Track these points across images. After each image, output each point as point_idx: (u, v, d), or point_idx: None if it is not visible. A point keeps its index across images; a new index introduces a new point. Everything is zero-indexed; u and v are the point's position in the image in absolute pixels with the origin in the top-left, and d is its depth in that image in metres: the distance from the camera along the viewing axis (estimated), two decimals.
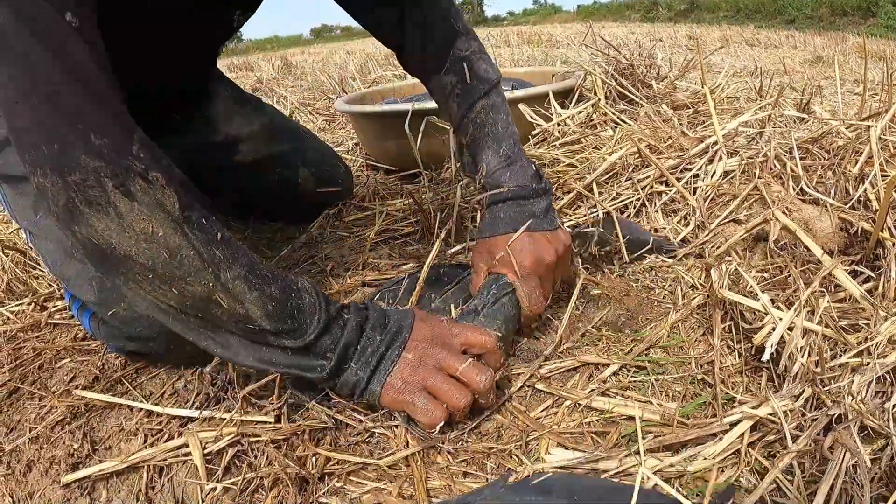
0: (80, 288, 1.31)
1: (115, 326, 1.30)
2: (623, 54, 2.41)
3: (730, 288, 1.24)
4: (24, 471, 1.18)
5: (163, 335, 1.27)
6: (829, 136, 1.67)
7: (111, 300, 1.25)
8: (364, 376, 1.04)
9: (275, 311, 0.99)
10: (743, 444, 0.97)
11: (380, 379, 1.04)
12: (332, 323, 1.04)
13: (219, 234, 0.98)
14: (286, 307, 1.00)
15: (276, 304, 0.99)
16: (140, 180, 0.91)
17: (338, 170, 2.17)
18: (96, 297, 1.28)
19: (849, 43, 6.76)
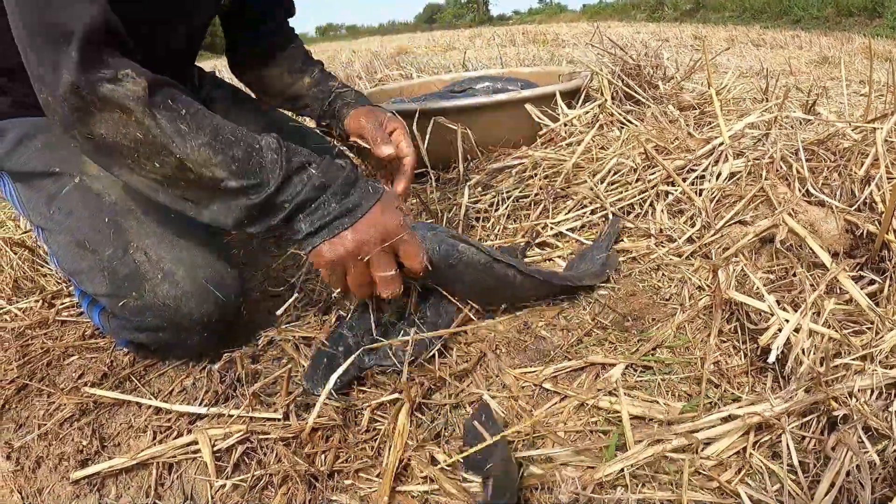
0: (92, 280, 1.33)
1: (126, 318, 1.32)
2: (630, 55, 2.41)
3: (736, 289, 1.25)
4: (32, 467, 1.19)
5: (172, 325, 1.29)
6: (835, 137, 1.67)
7: (123, 289, 1.28)
8: (305, 231, 1.17)
9: (238, 170, 1.11)
10: (748, 443, 0.98)
11: (316, 241, 1.17)
12: (294, 176, 1.15)
13: (184, 109, 1.10)
14: (248, 165, 1.12)
15: (238, 164, 1.11)
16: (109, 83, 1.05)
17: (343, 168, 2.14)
18: (108, 287, 1.30)
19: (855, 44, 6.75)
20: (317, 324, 1.49)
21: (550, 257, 1.63)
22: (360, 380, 1.26)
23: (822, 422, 0.98)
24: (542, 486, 0.96)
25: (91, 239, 1.32)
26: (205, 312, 1.29)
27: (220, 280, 1.33)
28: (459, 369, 1.24)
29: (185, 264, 1.29)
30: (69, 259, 1.36)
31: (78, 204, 1.36)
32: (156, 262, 1.28)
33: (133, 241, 1.30)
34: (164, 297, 1.27)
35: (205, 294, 1.29)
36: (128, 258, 1.29)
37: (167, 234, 1.32)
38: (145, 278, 1.27)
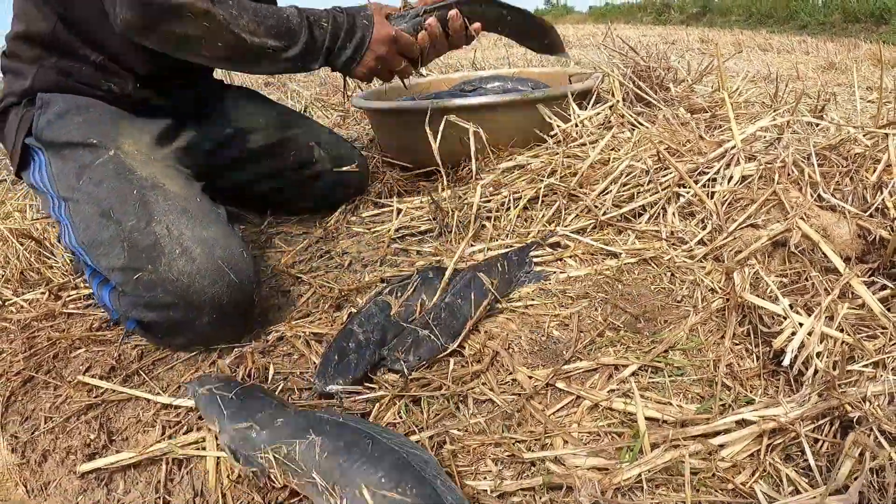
0: (110, 253, 1.38)
1: (137, 295, 1.35)
2: (641, 56, 2.41)
3: (749, 292, 1.25)
4: (39, 461, 1.19)
5: (183, 303, 1.32)
6: (846, 143, 1.67)
7: (140, 262, 1.34)
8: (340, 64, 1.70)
9: (276, 34, 1.55)
10: (762, 446, 0.98)
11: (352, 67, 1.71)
12: (313, 32, 1.61)
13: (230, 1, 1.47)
14: (281, 30, 1.55)
15: (276, 30, 1.54)
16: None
17: (354, 152, 2.22)
18: (125, 259, 1.35)
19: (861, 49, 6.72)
20: (327, 320, 1.49)
21: (561, 257, 1.63)
22: (369, 379, 1.26)
23: (836, 425, 0.98)
24: (560, 487, 0.96)
25: (116, 209, 1.40)
26: (216, 292, 1.33)
27: (235, 262, 1.37)
28: (473, 370, 1.24)
29: (204, 243, 1.36)
30: (91, 229, 1.42)
31: (109, 174, 1.46)
32: (176, 237, 1.35)
33: (157, 215, 1.38)
34: (178, 273, 1.32)
35: (219, 273, 1.34)
36: (149, 230, 1.35)
37: (190, 212, 1.40)
38: (163, 252, 1.33)
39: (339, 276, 1.70)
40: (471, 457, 1.04)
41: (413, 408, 1.17)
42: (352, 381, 1.21)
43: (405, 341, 1.28)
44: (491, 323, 1.40)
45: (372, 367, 1.27)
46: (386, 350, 1.29)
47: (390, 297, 1.41)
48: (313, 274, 1.72)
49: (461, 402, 1.17)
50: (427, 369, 1.25)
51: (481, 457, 1.04)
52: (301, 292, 1.64)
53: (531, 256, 1.63)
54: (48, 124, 1.57)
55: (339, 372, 1.21)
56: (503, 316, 1.42)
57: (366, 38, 1.67)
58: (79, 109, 1.59)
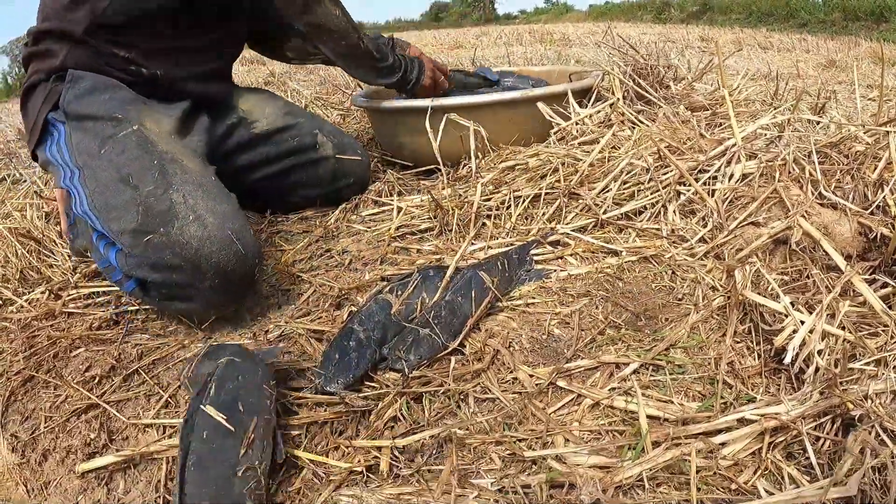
0: (123, 216, 1.43)
1: (145, 255, 1.39)
2: (641, 54, 2.41)
3: (750, 290, 1.25)
4: (39, 460, 1.18)
5: (189, 266, 1.37)
6: (847, 140, 1.66)
7: (152, 225, 1.39)
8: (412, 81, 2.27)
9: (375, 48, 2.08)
10: (764, 444, 0.98)
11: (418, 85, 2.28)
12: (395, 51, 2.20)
13: None
14: (378, 45, 2.11)
15: (374, 44, 2.08)
16: None
17: (356, 144, 2.27)
18: (138, 222, 1.40)
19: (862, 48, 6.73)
20: (328, 318, 1.49)
21: (562, 255, 1.63)
22: (370, 377, 1.26)
23: (837, 423, 0.98)
24: (562, 485, 0.96)
25: (136, 174, 1.46)
26: (223, 259, 1.38)
27: (243, 235, 1.43)
28: (474, 368, 1.24)
29: (217, 214, 1.42)
30: (107, 193, 1.48)
31: (132, 144, 1.52)
32: (191, 205, 1.40)
33: (175, 184, 1.44)
34: (189, 237, 1.37)
35: (227, 241, 1.39)
36: (166, 196, 1.41)
37: (206, 187, 1.47)
38: (177, 217, 1.38)
39: (340, 275, 1.69)
40: (472, 455, 1.04)
41: (414, 406, 1.17)
42: (353, 379, 1.21)
43: (406, 340, 1.28)
44: (492, 321, 1.40)
45: (373, 365, 1.27)
46: (387, 349, 1.29)
47: (391, 296, 1.41)
48: (313, 272, 1.72)
49: (462, 401, 1.17)
50: (428, 368, 1.25)
51: (483, 455, 1.04)
52: (301, 291, 1.64)
53: (532, 255, 1.63)
54: (76, 98, 1.64)
55: (339, 371, 1.21)
56: (504, 314, 1.42)
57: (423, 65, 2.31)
58: (107, 88, 1.67)
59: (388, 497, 0.98)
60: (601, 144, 1.93)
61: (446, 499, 0.96)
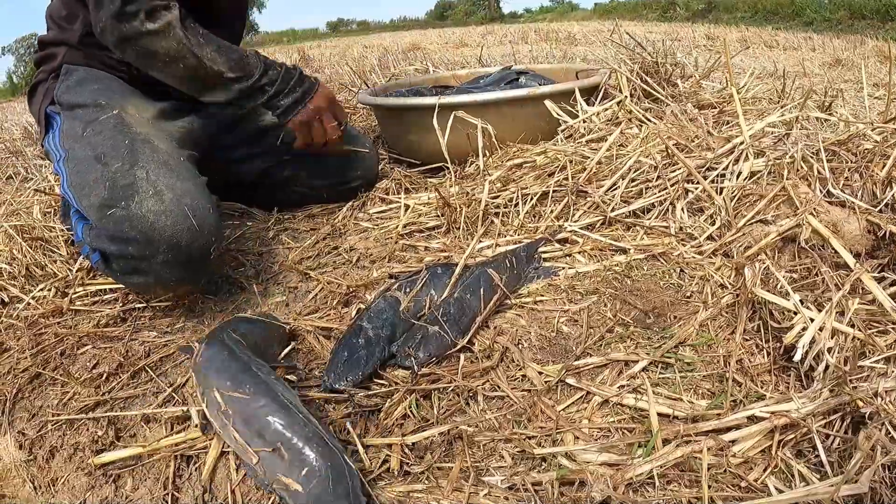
0: (94, 190, 1.50)
1: (105, 228, 1.45)
2: (648, 52, 2.41)
3: (760, 287, 1.25)
4: (46, 457, 1.18)
5: (144, 239, 1.41)
6: (855, 138, 1.66)
7: (116, 199, 1.45)
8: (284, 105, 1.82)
9: (234, 66, 1.70)
10: (774, 442, 0.97)
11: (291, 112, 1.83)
12: (269, 71, 1.77)
13: (200, 30, 1.65)
14: (240, 64, 1.71)
15: (234, 63, 1.70)
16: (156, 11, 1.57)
17: (365, 137, 2.31)
18: (104, 196, 1.47)
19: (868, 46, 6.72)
20: (336, 316, 1.49)
21: (570, 253, 1.63)
22: (379, 375, 1.26)
23: (847, 421, 0.98)
24: (572, 483, 0.96)
25: (108, 153, 1.53)
26: (175, 232, 1.42)
27: (199, 212, 1.47)
28: (483, 366, 1.24)
29: (175, 191, 1.47)
30: (82, 171, 1.55)
31: (109, 126, 1.60)
32: (153, 181, 1.46)
33: (140, 161, 1.51)
34: (146, 210, 1.41)
35: (181, 216, 1.44)
36: (130, 172, 1.48)
37: (171, 165, 1.54)
38: (138, 191, 1.44)
39: (348, 273, 1.69)
40: (482, 452, 1.04)
41: (423, 403, 1.17)
42: (361, 377, 1.21)
43: (415, 337, 1.28)
44: (500, 319, 1.40)
45: (382, 363, 1.27)
46: (396, 346, 1.29)
47: (399, 293, 1.41)
48: (321, 270, 1.72)
49: (471, 398, 1.17)
50: (437, 365, 1.25)
51: (492, 452, 1.04)
52: (309, 288, 1.64)
53: (540, 252, 1.63)
54: (67, 89, 1.75)
55: (348, 368, 1.21)
56: (512, 312, 1.42)
57: (311, 90, 1.86)
58: (97, 79, 1.77)
59: (398, 495, 0.98)
60: (609, 142, 1.93)
61: (457, 497, 0.96)
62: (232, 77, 1.70)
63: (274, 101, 1.80)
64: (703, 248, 1.56)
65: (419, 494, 0.98)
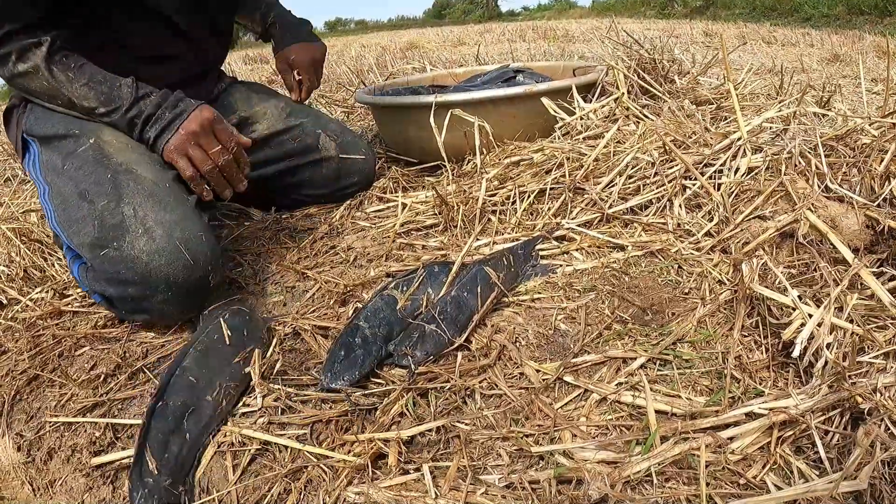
0: (81, 230, 1.48)
1: (103, 269, 1.44)
2: (646, 49, 2.41)
3: (758, 283, 1.24)
4: (44, 459, 1.19)
5: (141, 280, 1.40)
6: (853, 133, 1.66)
7: (106, 239, 1.43)
8: (153, 136, 1.58)
9: (105, 100, 1.57)
10: (772, 438, 0.97)
11: (162, 141, 1.57)
12: (140, 101, 1.58)
13: (72, 63, 1.56)
14: (111, 97, 1.57)
15: (104, 96, 1.57)
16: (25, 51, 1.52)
17: (360, 142, 2.27)
18: (94, 236, 1.45)
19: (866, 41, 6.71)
20: (333, 315, 1.49)
21: (567, 250, 1.62)
22: (375, 374, 1.26)
23: (846, 417, 0.98)
24: (570, 481, 0.96)
25: (91, 190, 1.50)
26: (171, 272, 1.41)
27: (192, 244, 1.45)
28: (480, 364, 1.23)
29: (165, 225, 1.44)
30: (68, 209, 1.52)
31: (89, 159, 1.55)
32: (141, 217, 1.43)
33: (126, 196, 1.47)
34: (139, 251, 1.40)
35: (175, 253, 1.42)
36: (118, 210, 1.45)
37: (157, 196, 1.49)
38: (128, 230, 1.42)
39: (345, 272, 1.69)
40: (479, 451, 1.04)
41: (420, 402, 1.16)
42: (358, 376, 1.20)
43: (412, 336, 1.28)
44: (497, 317, 1.40)
45: (379, 362, 1.26)
46: (392, 345, 1.28)
47: (396, 292, 1.41)
48: (319, 269, 1.72)
49: (468, 397, 1.17)
50: (434, 364, 1.25)
51: (490, 451, 1.04)
52: (306, 287, 1.64)
53: (537, 250, 1.62)
54: (36, 121, 1.68)
55: (345, 367, 1.21)
56: (510, 310, 1.42)
57: (181, 115, 1.58)
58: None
59: (395, 493, 0.98)
60: (606, 139, 1.92)
61: (454, 495, 0.95)
62: (104, 112, 1.58)
63: (144, 132, 1.59)
64: (700, 245, 1.56)
65: (416, 493, 0.97)
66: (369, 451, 1.04)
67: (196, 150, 1.58)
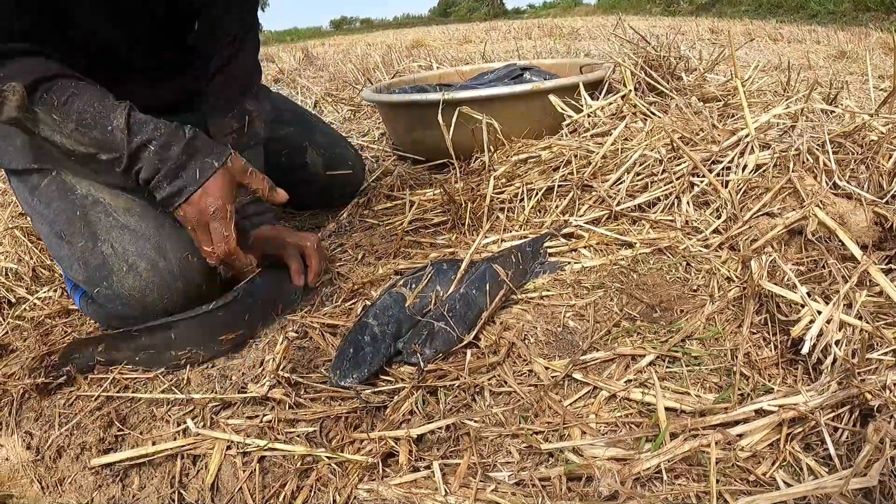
0: (71, 268, 1.45)
1: (102, 304, 1.44)
2: (652, 46, 2.41)
3: (767, 280, 1.24)
4: (53, 457, 1.19)
5: (139, 314, 1.40)
6: (861, 130, 1.66)
7: (95, 279, 1.41)
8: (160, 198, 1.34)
9: (101, 147, 1.30)
10: (782, 435, 0.97)
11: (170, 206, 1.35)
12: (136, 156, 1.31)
13: (56, 101, 1.28)
14: (105, 144, 1.29)
15: (99, 143, 1.30)
16: None
17: (348, 152, 2.21)
18: (83, 275, 1.43)
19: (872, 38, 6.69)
20: (341, 312, 1.49)
21: (576, 248, 1.62)
22: (385, 371, 1.26)
23: (856, 414, 0.98)
24: (580, 478, 0.96)
25: (66, 231, 1.44)
26: (167, 302, 1.41)
27: (181, 269, 1.43)
28: (489, 361, 1.23)
29: (147, 257, 1.40)
30: (52, 246, 1.50)
31: (54, 195, 1.47)
32: (121, 254, 1.40)
33: (101, 234, 1.42)
34: (129, 289, 1.39)
35: (165, 284, 1.40)
36: (97, 250, 1.41)
37: (132, 225, 1.43)
38: (112, 270, 1.40)
39: (353, 269, 1.69)
40: (489, 448, 1.04)
41: (430, 399, 1.17)
42: (368, 374, 1.21)
43: (421, 333, 1.28)
44: (506, 314, 1.40)
45: (388, 360, 1.27)
46: (401, 343, 1.28)
47: (405, 289, 1.41)
48: (327, 267, 1.72)
49: (478, 394, 1.17)
50: (443, 361, 1.25)
51: (499, 448, 1.04)
52: (314, 286, 1.63)
53: (545, 247, 1.62)
54: None
55: (355, 365, 1.21)
56: (518, 307, 1.42)
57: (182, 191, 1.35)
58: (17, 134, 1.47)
59: (405, 491, 0.98)
60: (614, 136, 1.92)
61: (464, 492, 0.96)
62: (105, 159, 1.32)
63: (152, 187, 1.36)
64: (709, 242, 1.56)
65: (426, 491, 0.97)
66: (380, 449, 1.05)
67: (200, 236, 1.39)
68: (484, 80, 2.66)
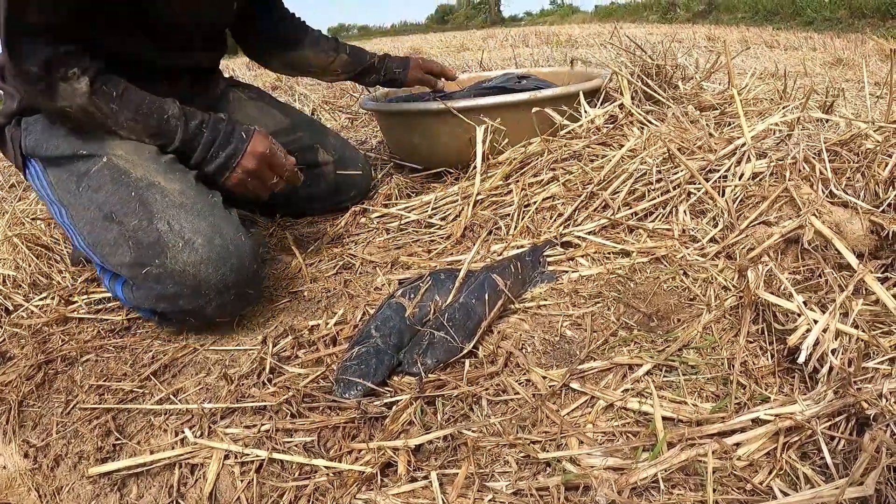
0: (116, 252, 1.47)
1: (148, 287, 1.44)
2: (649, 54, 2.41)
3: (763, 289, 1.25)
4: (51, 465, 1.19)
5: (191, 291, 1.42)
6: (857, 138, 1.66)
7: (147, 258, 1.43)
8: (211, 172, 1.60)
9: (155, 133, 1.55)
10: (778, 444, 0.97)
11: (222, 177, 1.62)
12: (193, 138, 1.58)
13: (114, 92, 1.49)
14: (160, 130, 1.55)
15: (155, 130, 1.55)
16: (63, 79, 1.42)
17: (357, 155, 2.29)
18: (132, 256, 1.44)
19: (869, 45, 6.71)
20: (340, 322, 1.49)
21: (573, 257, 1.63)
22: (385, 382, 1.26)
23: (852, 423, 0.98)
24: (577, 487, 0.96)
25: (118, 211, 1.47)
26: (221, 277, 1.43)
27: (235, 246, 1.46)
28: (487, 371, 1.24)
29: (203, 233, 1.44)
30: (96, 231, 1.51)
31: (106, 180, 1.51)
32: (178, 231, 1.43)
33: (157, 212, 1.45)
34: (184, 264, 1.40)
35: (221, 259, 1.43)
36: (152, 228, 1.43)
37: (187, 206, 1.47)
38: (167, 246, 1.41)
39: (351, 279, 1.69)
40: (487, 458, 1.04)
41: (427, 409, 1.17)
42: (371, 387, 1.21)
43: (421, 343, 1.28)
44: (504, 323, 1.40)
45: (391, 371, 1.27)
46: (403, 353, 1.29)
47: (404, 299, 1.41)
48: (324, 276, 1.72)
49: (475, 404, 1.17)
50: (442, 371, 1.25)
51: (497, 458, 1.04)
52: (312, 295, 1.64)
53: (544, 256, 1.63)
54: (37, 143, 1.63)
55: (359, 378, 1.21)
56: (516, 316, 1.42)
57: (236, 154, 1.60)
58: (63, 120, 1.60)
59: (403, 501, 0.98)
60: (619, 155, 1.92)
61: (462, 502, 0.96)
62: (160, 145, 1.57)
63: (200, 167, 1.60)
64: (705, 251, 1.56)
65: (424, 500, 0.97)
66: (378, 459, 1.05)
67: (254, 183, 1.64)
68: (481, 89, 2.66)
